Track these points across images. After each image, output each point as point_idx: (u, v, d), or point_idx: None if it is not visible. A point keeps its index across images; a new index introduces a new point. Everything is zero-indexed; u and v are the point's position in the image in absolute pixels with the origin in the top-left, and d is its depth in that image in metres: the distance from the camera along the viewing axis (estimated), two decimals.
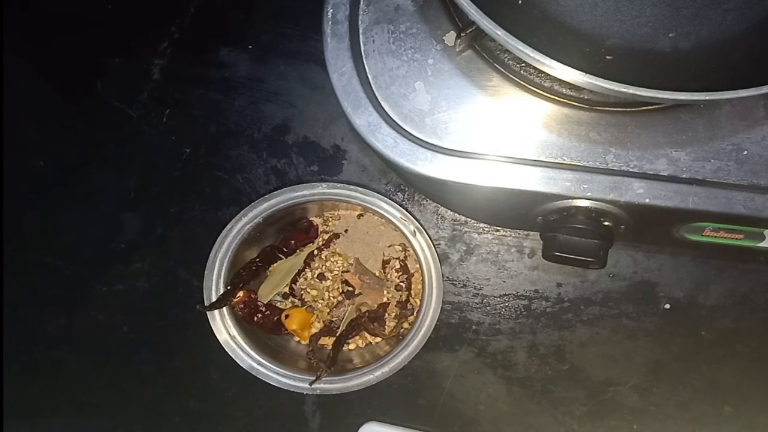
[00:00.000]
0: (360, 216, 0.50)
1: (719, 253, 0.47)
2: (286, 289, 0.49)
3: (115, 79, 0.52)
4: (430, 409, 0.50)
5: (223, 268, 0.47)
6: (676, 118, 0.37)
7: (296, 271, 0.49)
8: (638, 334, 0.49)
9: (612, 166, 0.37)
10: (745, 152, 0.37)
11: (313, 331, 0.49)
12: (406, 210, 0.47)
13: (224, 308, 0.47)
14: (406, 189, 0.50)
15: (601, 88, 0.30)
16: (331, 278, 0.49)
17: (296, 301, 0.50)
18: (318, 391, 0.46)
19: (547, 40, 0.31)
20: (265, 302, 0.49)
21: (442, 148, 0.37)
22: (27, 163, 0.52)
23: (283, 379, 0.46)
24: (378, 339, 0.50)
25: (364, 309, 0.49)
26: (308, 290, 0.50)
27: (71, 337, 0.52)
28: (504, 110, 0.38)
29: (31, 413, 0.52)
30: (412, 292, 0.49)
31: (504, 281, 0.50)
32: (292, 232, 0.50)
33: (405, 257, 0.50)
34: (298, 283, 0.49)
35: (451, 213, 0.50)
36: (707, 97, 0.30)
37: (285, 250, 0.49)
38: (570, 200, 0.36)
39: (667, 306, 0.49)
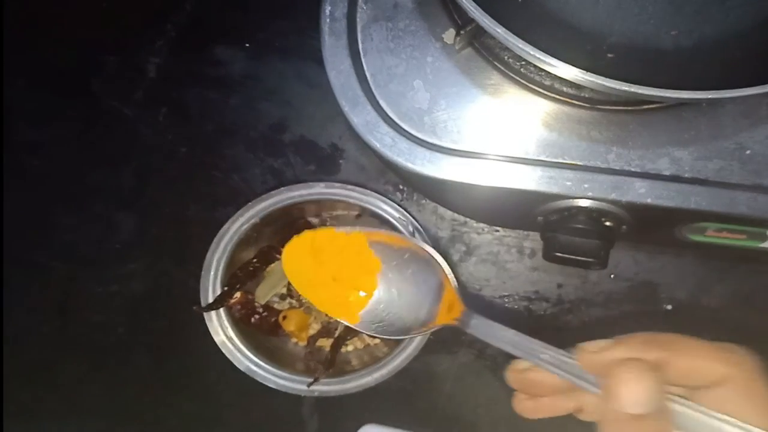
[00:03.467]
0: (358, 216, 0.50)
1: (722, 253, 0.47)
2: (284, 290, 0.49)
3: (110, 78, 0.51)
4: (429, 412, 0.49)
5: (220, 268, 0.47)
6: (678, 117, 0.37)
7: None
8: None
9: (613, 166, 0.36)
10: (749, 151, 0.36)
11: (311, 332, 0.49)
12: (405, 210, 0.47)
13: (221, 309, 0.46)
14: (405, 188, 0.50)
15: (602, 86, 0.30)
16: None
17: (294, 302, 0.49)
18: (316, 393, 0.46)
19: (548, 38, 0.30)
20: (263, 303, 0.48)
21: (441, 147, 0.37)
22: (21, 162, 0.52)
23: (281, 381, 0.46)
24: (376, 340, 0.49)
25: None
26: None
27: (66, 339, 0.51)
28: (504, 109, 0.37)
29: (25, 414, 0.51)
30: None
31: (504, 282, 0.49)
32: (289, 232, 0.49)
33: None
34: None
35: (451, 213, 0.50)
36: (710, 96, 0.30)
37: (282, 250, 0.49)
38: (571, 200, 0.36)
39: (669, 307, 0.48)
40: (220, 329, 0.46)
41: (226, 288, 0.46)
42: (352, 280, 0.33)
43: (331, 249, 0.33)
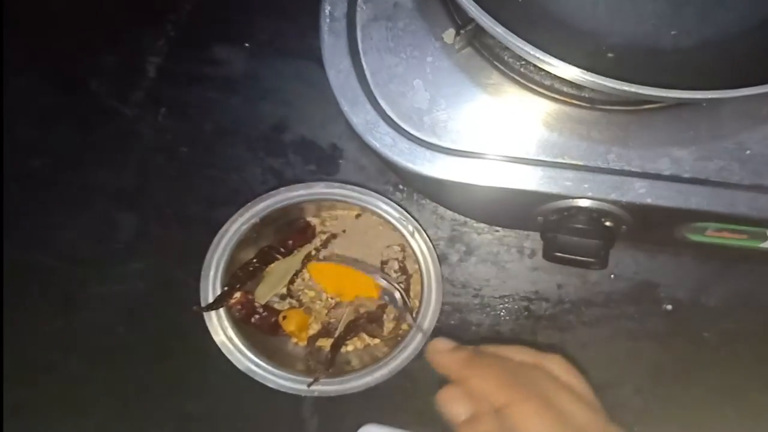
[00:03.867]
0: (358, 216, 0.50)
1: (722, 253, 0.47)
2: (284, 290, 0.49)
3: (109, 78, 0.51)
4: (429, 412, 0.49)
5: (220, 268, 0.47)
6: (678, 117, 0.37)
7: (293, 272, 0.49)
8: (639, 336, 0.48)
9: (613, 166, 0.36)
10: (748, 151, 0.36)
11: (311, 332, 0.49)
12: (405, 210, 0.47)
13: (221, 309, 0.46)
14: (405, 188, 0.50)
15: (602, 86, 0.30)
16: None
17: (294, 302, 0.49)
18: (316, 393, 0.46)
19: (548, 38, 0.30)
20: (263, 303, 0.48)
21: (441, 147, 0.37)
22: (21, 162, 0.52)
23: (281, 381, 0.46)
24: (376, 340, 0.49)
25: (362, 310, 0.48)
26: (306, 291, 0.49)
27: (68, 338, 0.51)
28: (504, 108, 0.37)
29: (26, 414, 0.51)
30: (411, 293, 0.48)
31: (504, 282, 0.49)
32: (289, 232, 0.49)
33: (404, 258, 0.49)
34: (295, 284, 0.49)
35: (451, 213, 0.50)
36: (710, 96, 0.30)
37: (282, 250, 0.49)
38: (571, 200, 0.36)
39: (669, 307, 0.48)
40: (220, 329, 0.46)
41: (226, 288, 0.46)
42: (354, 291, 0.46)
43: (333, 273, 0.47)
